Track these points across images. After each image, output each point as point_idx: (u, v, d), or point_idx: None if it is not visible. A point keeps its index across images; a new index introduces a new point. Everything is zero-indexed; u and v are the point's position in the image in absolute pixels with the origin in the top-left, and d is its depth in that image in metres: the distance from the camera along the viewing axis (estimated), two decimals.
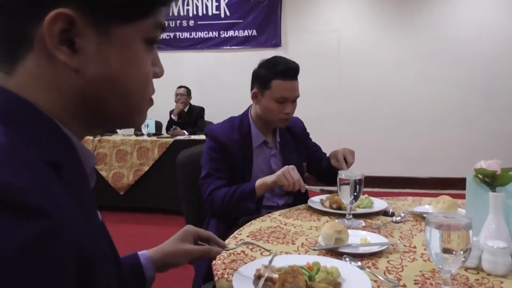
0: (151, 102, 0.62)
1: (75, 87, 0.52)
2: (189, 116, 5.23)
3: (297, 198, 1.79)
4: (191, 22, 6.23)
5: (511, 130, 5.27)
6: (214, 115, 5.54)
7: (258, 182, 1.63)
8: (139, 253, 0.91)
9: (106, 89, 0.54)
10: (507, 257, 0.96)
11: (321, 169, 1.94)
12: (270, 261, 0.94)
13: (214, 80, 6.06)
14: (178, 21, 6.24)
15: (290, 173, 1.55)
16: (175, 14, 6.22)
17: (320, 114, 5.79)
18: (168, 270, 0.94)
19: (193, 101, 5.46)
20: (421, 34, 5.56)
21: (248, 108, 1.89)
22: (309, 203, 1.61)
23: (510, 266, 0.96)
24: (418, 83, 5.60)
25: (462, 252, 0.78)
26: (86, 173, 0.54)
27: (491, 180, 1.07)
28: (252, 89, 1.80)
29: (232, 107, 1.89)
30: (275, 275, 0.87)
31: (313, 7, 5.86)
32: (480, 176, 1.08)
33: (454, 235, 0.77)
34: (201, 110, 5.30)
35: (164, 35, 6.21)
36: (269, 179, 1.60)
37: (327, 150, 1.99)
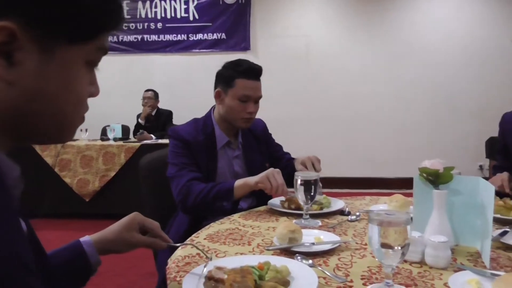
0: (82, 120, 0.64)
1: (7, 98, 0.53)
2: (157, 120, 5.18)
3: (261, 200, 1.81)
4: (159, 25, 6.19)
5: (474, 132, 5.49)
6: (184, 119, 5.42)
7: (239, 182, 1.62)
8: (81, 240, 0.92)
9: (40, 105, 0.55)
10: (448, 250, 1.01)
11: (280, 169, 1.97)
12: (205, 266, 0.95)
13: (183, 83, 6.04)
14: (146, 24, 6.18)
15: (274, 177, 1.56)
16: (143, 16, 6.17)
17: (289, 116, 5.87)
18: (110, 254, 0.95)
19: (163, 105, 5.42)
20: (387, 39, 5.74)
21: (211, 109, 1.91)
22: (269, 204, 1.63)
23: (450, 259, 1.01)
24: (384, 86, 5.78)
25: (400, 247, 0.81)
26: (6, 185, 0.53)
27: (434, 179, 1.12)
28: (215, 88, 1.82)
29: (202, 111, 1.90)
30: (225, 276, 0.89)
31: (282, 12, 5.94)
32: (425, 175, 1.14)
33: (391, 231, 0.81)
34: (169, 114, 5.27)
35: (131, 38, 6.16)
36: (251, 180, 1.60)
37: (296, 151, 2.00)
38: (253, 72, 1.78)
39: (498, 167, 1.93)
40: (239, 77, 1.75)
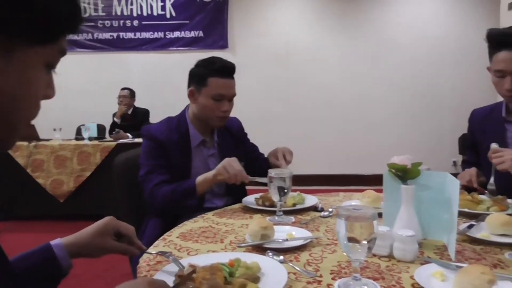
0: (28, 128, 0.64)
1: None
2: (133, 118, 5.12)
3: (237, 199, 1.80)
4: (135, 22, 6.11)
5: (448, 128, 5.63)
6: (161, 117, 5.37)
7: (199, 178, 1.64)
8: (52, 243, 0.91)
9: None
10: (415, 244, 1.03)
11: (257, 169, 1.97)
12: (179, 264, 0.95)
13: (160, 82, 5.99)
14: (121, 21, 6.10)
15: (231, 165, 1.57)
16: (118, 13, 6.08)
17: (267, 115, 5.89)
18: (81, 258, 0.94)
19: (140, 103, 5.35)
20: (365, 39, 5.84)
21: (185, 108, 1.89)
22: (243, 202, 1.64)
23: (417, 252, 1.03)
24: (362, 85, 5.87)
25: (366, 242, 0.83)
26: None
27: (402, 174, 1.14)
28: (188, 87, 1.81)
29: (180, 109, 1.88)
30: (195, 274, 0.88)
31: (260, 10, 5.95)
32: (393, 171, 1.16)
33: (358, 226, 0.82)
34: (146, 113, 5.22)
35: (107, 35, 6.05)
36: (210, 174, 1.62)
37: None
38: (226, 70, 1.76)
39: (468, 162, 1.98)
40: (212, 76, 1.73)
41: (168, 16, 6.08)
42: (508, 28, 1.69)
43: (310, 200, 1.63)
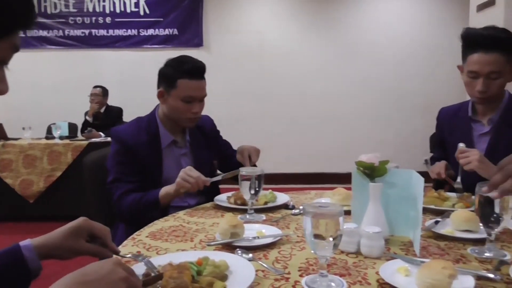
0: None
1: None
2: (106, 117, 5.03)
3: (210, 197, 1.79)
4: (108, 19, 6.00)
5: (420, 126, 5.75)
6: (135, 116, 5.35)
7: (162, 192, 1.62)
8: (21, 244, 0.88)
9: None
10: (381, 240, 1.05)
11: (231, 166, 1.97)
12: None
13: (134, 80, 5.90)
14: (93, 18, 5.98)
15: (188, 174, 1.55)
16: (90, 10, 5.96)
17: (242, 113, 5.90)
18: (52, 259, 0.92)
19: (113, 102, 5.26)
20: (337, 38, 5.92)
21: (155, 108, 1.87)
22: (215, 200, 1.63)
23: (383, 248, 1.05)
24: (334, 85, 5.95)
25: (332, 238, 0.84)
26: None
27: (370, 172, 1.16)
28: (158, 88, 1.78)
29: (153, 108, 1.86)
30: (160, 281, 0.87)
31: (235, 8, 5.94)
32: (361, 169, 1.18)
33: (323, 222, 0.83)
34: (119, 111, 5.13)
35: (79, 32, 5.92)
36: (171, 188, 1.59)
37: None
38: (196, 71, 1.72)
39: (435, 159, 2.03)
40: (182, 78, 1.69)
41: (142, 13, 6.00)
42: (485, 29, 1.67)
43: (282, 198, 1.64)
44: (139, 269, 0.95)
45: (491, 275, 0.90)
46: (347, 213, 1.30)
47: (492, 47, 1.60)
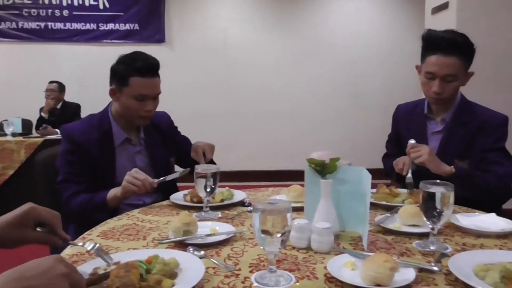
0: None
1: None
2: (62, 113, 4.86)
3: (167, 195, 1.77)
4: (65, 12, 5.79)
5: (379, 125, 5.91)
6: (93, 112, 5.22)
7: (110, 195, 1.59)
8: None
9: None
10: (331, 236, 1.08)
11: (191, 162, 1.95)
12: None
13: (93, 75, 5.72)
14: (49, 10, 5.75)
15: (134, 177, 1.51)
16: (46, 2, 5.73)
17: (205, 110, 5.87)
18: None
19: (71, 98, 5.10)
20: (301, 36, 6.00)
21: (108, 105, 1.83)
22: (171, 198, 1.62)
23: (333, 243, 1.08)
24: (297, 82, 6.02)
25: (279, 234, 0.85)
26: None
27: (321, 169, 1.19)
28: (110, 85, 1.74)
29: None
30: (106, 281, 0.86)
31: (198, 4, 5.89)
32: (313, 166, 1.20)
33: (270, 218, 0.85)
34: (76, 107, 4.98)
35: (34, 25, 5.69)
36: (118, 191, 1.56)
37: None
38: (149, 69, 1.68)
39: (390, 155, 2.08)
40: (134, 75, 1.65)
41: (101, 7, 5.84)
42: (445, 32, 1.71)
43: (239, 195, 1.65)
44: (87, 268, 0.93)
45: (432, 267, 0.95)
46: (301, 209, 1.34)
47: (451, 51, 1.65)
